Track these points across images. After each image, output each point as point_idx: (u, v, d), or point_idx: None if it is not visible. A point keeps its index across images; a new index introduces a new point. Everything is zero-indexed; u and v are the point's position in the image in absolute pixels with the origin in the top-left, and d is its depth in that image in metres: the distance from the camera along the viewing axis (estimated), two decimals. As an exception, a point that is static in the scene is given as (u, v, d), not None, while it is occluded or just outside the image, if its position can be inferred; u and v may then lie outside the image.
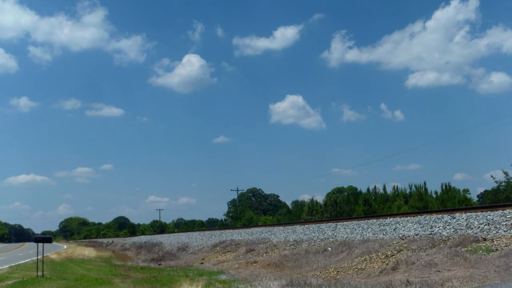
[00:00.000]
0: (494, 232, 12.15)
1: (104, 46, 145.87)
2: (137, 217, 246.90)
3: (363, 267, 12.52)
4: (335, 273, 12.69)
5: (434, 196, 31.59)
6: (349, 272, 12.46)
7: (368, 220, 18.88)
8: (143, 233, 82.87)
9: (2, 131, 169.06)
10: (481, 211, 13.98)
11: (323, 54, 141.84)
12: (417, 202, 30.39)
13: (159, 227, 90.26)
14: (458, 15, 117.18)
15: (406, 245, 13.44)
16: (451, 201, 29.31)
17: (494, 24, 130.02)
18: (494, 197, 27.46)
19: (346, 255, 14.70)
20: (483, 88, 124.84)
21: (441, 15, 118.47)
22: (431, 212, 16.99)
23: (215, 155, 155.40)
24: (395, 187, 37.66)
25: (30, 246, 50.46)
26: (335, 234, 19.02)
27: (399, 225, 16.17)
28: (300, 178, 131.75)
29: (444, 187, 31.45)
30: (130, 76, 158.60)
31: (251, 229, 29.57)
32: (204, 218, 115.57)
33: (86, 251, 39.32)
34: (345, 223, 20.14)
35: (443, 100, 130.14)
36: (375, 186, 39.72)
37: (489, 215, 13.16)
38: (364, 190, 40.60)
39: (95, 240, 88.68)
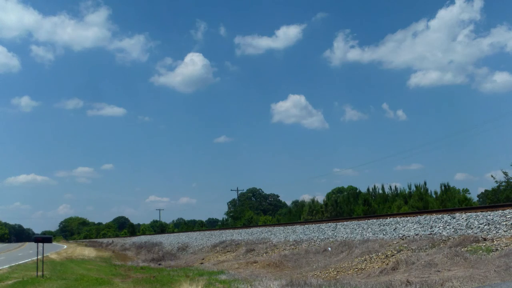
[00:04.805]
0: (494, 232, 12.14)
1: (106, 45, 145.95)
2: (137, 217, 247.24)
3: (363, 267, 12.52)
4: (335, 273, 12.69)
5: (434, 196, 31.58)
6: (349, 272, 12.46)
7: (368, 220, 18.87)
8: (143, 233, 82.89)
9: (3, 131, 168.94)
10: (481, 211, 13.98)
11: (325, 53, 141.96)
12: (417, 202, 30.37)
13: (159, 227, 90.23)
14: (462, 14, 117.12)
15: (406, 245, 13.44)
16: (451, 201, 29.28)
17: (499, 23, 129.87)
18: (494, 197, 27.46)
19: (346, 255, 14.70)
20: (486, 88, 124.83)
21: (445, 14, 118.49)
22: (431, 212, 16.99)
23: (215, 155, 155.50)
24: (394, 187, 37.69)
25: (30, 246, 50.47)
26: (335, 234, 19.02)
27: (399, 225, 16.17)
28: (301, 178, 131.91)
29: (443, 187, 31.46)
30: (132, 75, 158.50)
31: (251, 229, 29.57)
32: (204, 218, 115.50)
33: (86, 251, 39.33)
34: (345, 223, 20.14)
35: (446, 100, 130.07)
36: (374, 186, 39.74)
37: (489, 215, 13.16)
38: (365, 190, 40.61)
39: (95, 240, 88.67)
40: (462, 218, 13.86)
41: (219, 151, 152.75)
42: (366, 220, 19.08)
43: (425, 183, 33.12)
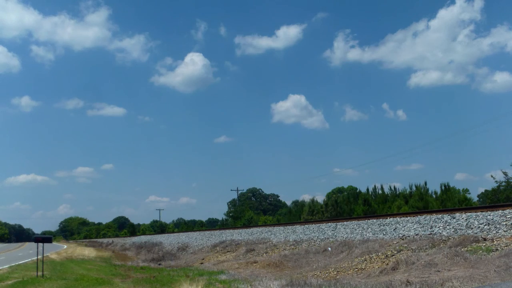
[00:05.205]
0: (494, 232, 12.14)
1: (106, 45, 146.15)
2: (137, 217, 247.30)
3: (363, 267, 12.52)
4: (335, 273, 12.69)
5: (434, 196, 31.58)
6: (349, 272, 12.46)
7: (368, 220, 18.87)
8: (143, 233, 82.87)
9: (3, 131, 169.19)
10: (481, 211, 13.98)
11: (326, 53, 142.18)
12: (417, 202, 30.37)
13: (159, 227, 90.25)
14: (462, 14, 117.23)
15: (406, 245, 13.44)
16: (451, 201, 29.29)
17: (499, 23, 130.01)
18: (494, 197, 27.43)
19: (346, 255, 14.70)
20: (486, 88, 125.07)
21: (445, 14, 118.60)
22: (431, 212, 16.99)
23: (216, 155, 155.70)
24: (393, 187, 37.73)
25: (30, 246, 50.47)
26: (335, 234, 19.01)
27: (399, 225, 16.16)
28: (301, 178, 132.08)
29: (443, 187, 31.45)
30: (132, 75, 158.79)
31: (251, 229, 29.57)
32: (204, 218, 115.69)
33: (86, 251, 39.33)
34: (345, 223, 20.14)
35: (446, 100, 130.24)
36: (375, 186, 39.74)
37: (489, 215, 13.16)
38: (365, 190, 40.61)
39: (95, 240, 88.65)
40: (462, 218, 13.86)
41: (219, 151, 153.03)
42: (366, 220, 19.08)
43: (425, 183, 33.19)
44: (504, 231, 11.90)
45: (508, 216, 12.51)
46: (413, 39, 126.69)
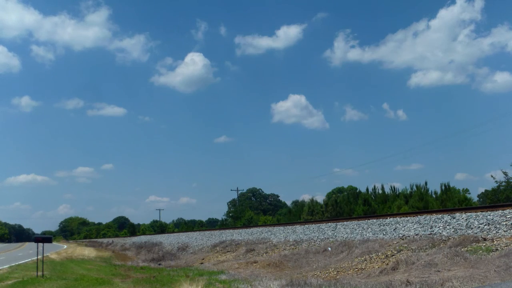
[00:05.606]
0: (494, 232, 12.15)
1: (107, 45, 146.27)
2: (137, 217, 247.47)
3: (363, 267, 12.52)
4: (335, 273, 12.69)
5: (434, 196, 31.56)
6: (349, 272, 12.46)
7: (368, 220, 18.87)
8: (143, 233, 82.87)
9: (3, 131, 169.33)
10: (481, 211, 13.98)
11: (326, 53, 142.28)
12: (417, 202, 30.36)
13: (159, 227, 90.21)
14: (462, 14, 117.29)
15: (406, 245, 13.44)
16: (451, 201, 29.27)
17: (499, 23, 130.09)
18: (494, 197, 27.43)
19: (346, 255, 14.70)
20: (487, 88, 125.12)
21: (445, 14, 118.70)
22: (431, 212, 17.00)
23: (216, 155, 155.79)
24: (393, 187, 37.69)
25: (30, 246, 50.47)
26: (335, 234, 19.01)
27: (399, 225, 16.16)
28: (301, 178, 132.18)
29: (443, 187, 31.44)
30: (132, 75, 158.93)
31: (251, 229, 29.57)
32: (204, 218, 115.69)
33: (86, 251, 39.33)
34: (345, 223, 20.14)
35: (446, 100, 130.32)
36: (374, 186, 39.71)
37: (489, 215, 13.16)
38: (365, 190, 40.55)
39: (95, 240, 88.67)
40: (462, 218, 13.86)
41: (219, 151, 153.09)
42: (366, 220, 19.08)
43: (425, 183, 33.17)
44: (504, 231, 11.90)
45: (508, 216, 12.51)
46: (413, 39, 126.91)
